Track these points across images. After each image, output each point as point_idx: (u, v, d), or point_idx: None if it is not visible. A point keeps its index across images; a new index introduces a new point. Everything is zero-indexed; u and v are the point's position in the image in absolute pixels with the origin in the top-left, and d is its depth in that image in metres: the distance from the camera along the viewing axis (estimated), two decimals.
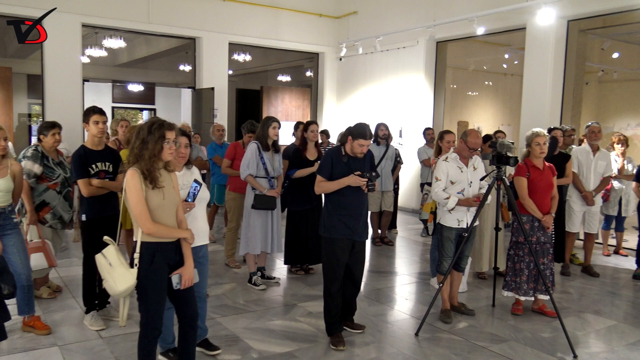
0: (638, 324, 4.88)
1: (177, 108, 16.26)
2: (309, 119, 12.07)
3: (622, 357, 4.13)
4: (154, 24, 10.36)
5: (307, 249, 6.08)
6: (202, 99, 11.08)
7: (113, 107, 18.20)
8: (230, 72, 13.06)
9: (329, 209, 4.27)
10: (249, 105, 15.71)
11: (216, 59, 11.20)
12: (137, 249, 3.02)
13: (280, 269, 6.40)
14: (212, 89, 10.77)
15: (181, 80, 15.03)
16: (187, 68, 13.86)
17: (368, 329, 4.58)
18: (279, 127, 5.59)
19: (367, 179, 4.12)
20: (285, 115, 12.66)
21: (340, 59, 12.38)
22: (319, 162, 5.90)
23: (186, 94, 13.38)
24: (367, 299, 5.42)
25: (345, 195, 4.19)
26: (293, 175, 5.85)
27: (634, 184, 6.43)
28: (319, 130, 9.30)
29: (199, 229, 3.68)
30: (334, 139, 9.71)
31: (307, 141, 5.97)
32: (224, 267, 6.38)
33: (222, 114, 11.05)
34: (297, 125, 7.15)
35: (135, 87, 17.57)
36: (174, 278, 3.12)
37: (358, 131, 4.17)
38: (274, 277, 5.94)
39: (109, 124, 6.15)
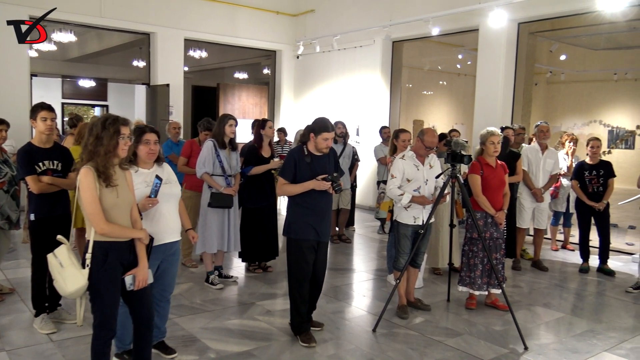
0: (584, 316, 5.09)
1: (130, 105, 15.88)
2: (265, 117, 12.02)
3: (570, 347, 4.30)
4: (106, 18, 10.08)
5: (263, 246, 6.06)
6: (157, 96, 10.85)
7: (63, 103, 17.62)
8: (186, 68, 12.86)
9: (294, 210, 4.22)
10: (205, 102, 15.50)
11: (171, 55, 11.00)
12: (89, 249, 2.95)
13: (238, 268, 6.35)
14: (167, 85, 10.57)
15: (135, 76, 14.69)
16: (141, 64, 13.55)
17: (326, 326, 4.60)
18: (236, 125, 5.55)
19: (331, 181, 4.08)
20: (242, 112, 12.56)
21: (298, 57, 12.37)
22: (274, 159, 5.92)
23: (140, 91, 13.09)
24: (325, 297, 5.44)
25: (310, 194, 4.13)
26: (249, 172, 5.82)
27: (573, 181, 6.69)
28: (277, 128, 9.32)
29: (166, 226, 3.59)
30: (291, 137, 9.68)
31: (262, 138, 5.97)
32: (181, 267, 6.27)
33: (177, 111, 10.86)
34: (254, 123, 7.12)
35: (87, 83, 17.05)
36: (127, 279, 3.05)
37: (319, 125, 4.12)
38: (232, 276, 5.89)
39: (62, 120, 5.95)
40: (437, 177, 4.93)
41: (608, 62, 15.24)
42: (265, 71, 15.44)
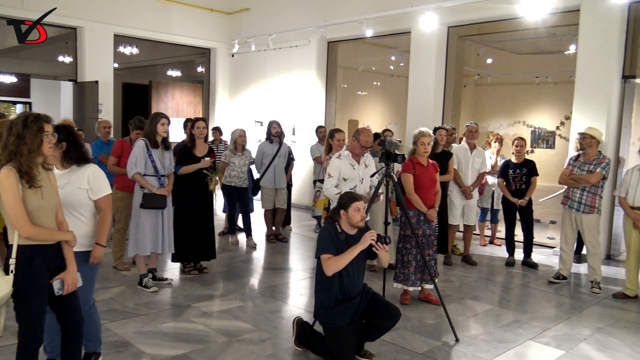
0: (511, 307, 5.35)
1: (56, 102, 15.13)
2: (199, 116, 11.82)
3: (497, 337, 4.51)
4: (29, 10, 9.54)
5: (197, 247, 5.98)
6: (85, 93, 10.42)
7: None
8: (116, 65, 12.42)
9: (322, 300, 3.87)
10: (136, 100, 15.03)
11: (100, 51, 10.59)
12: (13, 254, 2.80)
13: (172, 270, 6.21)
14: (96, 82, 10.17)
15: (61, 73, 14.01)
16: (67, 59, 12.96)
17: (264, 325, 4.59)
18: (169, 124, 5.43)
19: (380, 240, 3.78)
20: (176, 111, 12.28)
21: (233, 55, 12.24)
22: (206, 158, 5.84)
23: (67, 87, 12.52)
24: (263, 296, 5.43)
25: (340, 279, 3.79)
26: (178, 171, 5.72)
27: (499, 179, 7.02)
28: (212, 128, 9.19)
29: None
30: (227, 136, 9.55)
31: (195, 138, 5.91)
32: (112, 270, 6.08)
33: (107, 109, 10.48)
34: (186, 122, 7.03)
35: (7, 78, 16.09)
36: (55, 283, 2.93)
37: (347, 198, 3.84)
38: (166, 278, 5.76)
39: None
40: (372, 175, 5.03)
41: (530, 66, 16.07)
42: (200, 69, 15.16)
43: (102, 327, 4.30)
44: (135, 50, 12.82)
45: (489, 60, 15.25)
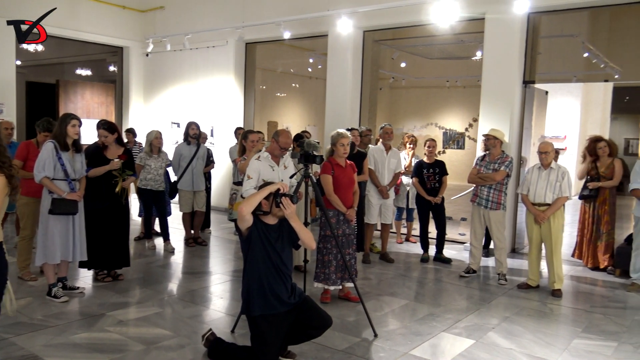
0: (425, 301, 5.59)
1: None
2: (112, 117, 11.39)
3: (414, 331, 4.70)
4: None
5: (107, 253, 5.76)
6: None
7: None
8: (19, 62, 11.67)
9: (247, 284, 3.76)
10: (42, 100, 14.20)
11: (0, 47, 9.90)
12: None
13: (84, 278, 5.94)
14: None
15: None
16: None
17: (184, 331, 4.50)
18: (80, 125, 5.19)
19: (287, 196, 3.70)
20: (87, 112, 11.74)
21: (147, 55, 11.87)
22: (115, 160, 5.62)
23: None
24: (182, 301, 5.32)
25: (264, 260, 3.71)
26: (87, 173, 5.48)
27: (413, 178, 7.32)
28: (125, 129, 8.87)
29: None
30: (141, 138, 9.25)
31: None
32: (17, 281, 5.71)
33: (9, 109, 9.81)
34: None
35: None
36: None
37: (263, 187, 3.81)
38: (78, 287, 5.49)
39: None
40: (291, 177, 5.08)
41: (441, 71, 16.81)
42: (112, 68, 14.58)
43: (7, 342, 4.07)
44: (40, 47, 12.11)
45: (403, 64, 15.79)
